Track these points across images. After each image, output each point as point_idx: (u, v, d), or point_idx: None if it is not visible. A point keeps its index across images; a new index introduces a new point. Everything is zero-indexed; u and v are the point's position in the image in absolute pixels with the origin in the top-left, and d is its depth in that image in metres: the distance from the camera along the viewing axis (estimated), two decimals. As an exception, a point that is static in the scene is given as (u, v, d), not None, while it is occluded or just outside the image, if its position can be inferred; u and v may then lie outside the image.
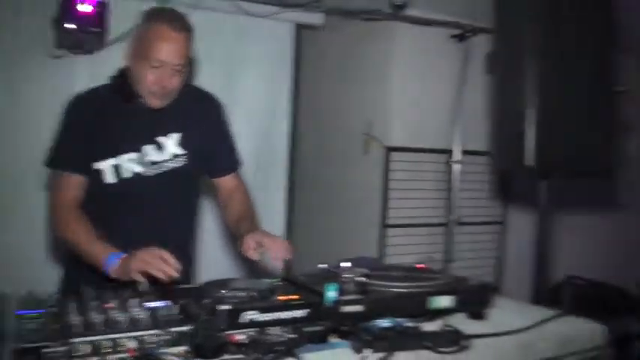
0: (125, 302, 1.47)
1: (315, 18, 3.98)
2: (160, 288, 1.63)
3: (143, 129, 2.05)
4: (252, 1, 3.65)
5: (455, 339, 1.40)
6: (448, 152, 4.14)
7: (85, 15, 3.04)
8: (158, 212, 2.10)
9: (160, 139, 2.07)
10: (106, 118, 2.04)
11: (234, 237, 2.15)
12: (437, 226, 4.20)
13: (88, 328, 1.30)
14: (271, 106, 3.99)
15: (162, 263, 1.68)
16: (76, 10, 3.01)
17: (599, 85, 2.20)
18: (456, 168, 4.13)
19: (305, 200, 4.75)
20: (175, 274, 1.67)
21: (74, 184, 2.01)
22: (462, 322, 1.57)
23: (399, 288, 1.52)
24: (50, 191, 2.09)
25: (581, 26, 2.19)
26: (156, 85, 1.95)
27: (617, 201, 5.13)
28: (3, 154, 3.33)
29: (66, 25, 3.04)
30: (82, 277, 1.90)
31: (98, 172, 2.02)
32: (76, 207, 2.00)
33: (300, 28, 4.09)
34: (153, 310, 1.42)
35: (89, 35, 3.13)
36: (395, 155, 4.02)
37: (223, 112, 2.28)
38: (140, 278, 1.68)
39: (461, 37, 4.09)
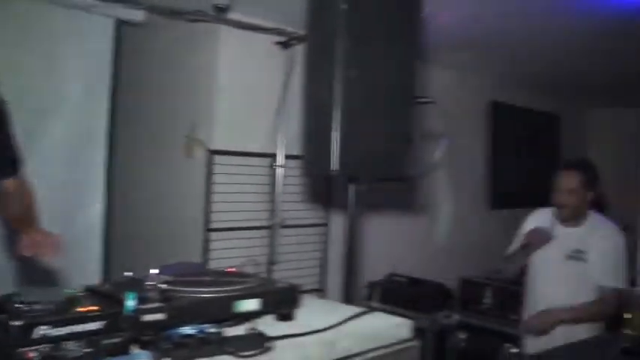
0: None
1: (136, 15, 3.83)
2: None
3: None
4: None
5: (258, 342, 1.40)
6: (272, 156, 4.19)
7: None
8: None
9: None
10: None
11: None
12: (261, 229, 4.24)
13: None
14: (89, 105, 3.77)
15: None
16: None
17: (403, 96, 2.33)
18: (280, 172, 4.19)
19: (127, 204, 4.58)
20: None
21: None
22: (269, 325, 1.58)
23: (202, 294, 1.50)
24: None
25: (388, 38, 2.30)
26: None
27: (423, 205, 5.50)
28: None
29: None
30: None
31: None
32: None
33: (122, 24, 3.92)
34: None
35: None
36: (218, 158, 3.99)
37: (5, 110, 2.18)
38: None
39: (285, 44, 4.16)
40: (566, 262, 3.20)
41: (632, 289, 2.50)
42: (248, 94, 4.15)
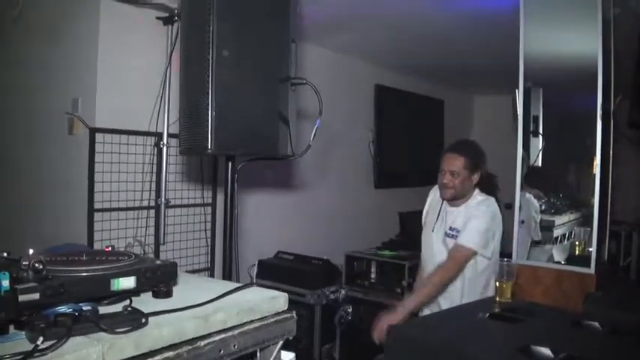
0: None
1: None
2: None
3: None
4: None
5: (133, 318, 1.44)
6: (157, 135, 4.16)
7: None
8: None
9: None
10: None
11: None
12: (147, 209, 4.21)
13: None
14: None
15: None
16: None
17: (277, 76, 2.40)
18: (164, 151, 4.17)
19: (8, 184, 4.41)
20: None
21: None
22: (147, 302, 1.62)
23: (78, 272, 1.52)
24: None
25: (261, 17, 2.37)
26: None
27: (299, 184, 5.64)
28: None
29: None
30: None
31: None
32: None
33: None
34: None
35: None
36: (100, 137, 3.92)
37: None
38: None
39: (166, 20, 4.12)
40: (444, 240, 3.35)
41: (504, 260, 2.70)
42: (131, 71, 4.09)
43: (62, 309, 1.41)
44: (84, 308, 1.42)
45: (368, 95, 6.82)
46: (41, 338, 1.31)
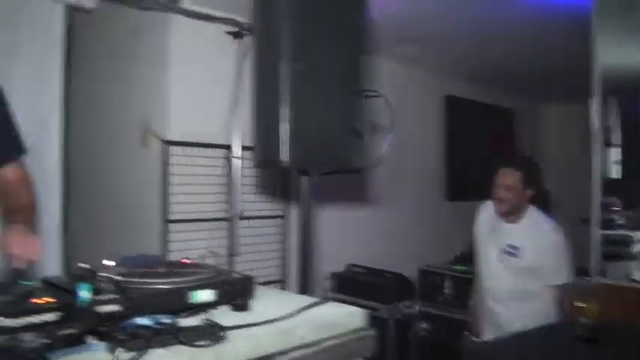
0: None
1: (87, 1, 3.75)
2: None
3: None
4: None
5: (212, 332, 1.42)
6: (228, 147, 4.18)
7: None
8: None
9: None
10: None
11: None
12: (220, 221, 4.24)
13: None
14: (41, 94, 3.66)
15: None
16: None
17: (351, 88, 2.36)
18: (237, 163, 4.19)
19: (83, 196, 4.52)
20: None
21: None
22: (224, 315, 1.60)
23: (157, 285, 1.51)
24: None
25: (335, 31, 2.33)
26: None
27: (378, 196, 5.56)
28: None
29: None
30: None
31: None
32: None
33: (73, 10, 3.84)
34: None
35: None
36: (174, 149, 3.98)
37: (2, 95, 2.06)
38: None
39: (237, 34, 4.15)
40: (502, 257, 3.33)
41: (585, 278, 2.57)
42: (202, 85, 4.14)
43: (141, 321, 1.40)
44: (163, 321, 1.40)
45: (437, 107, 6.70)
46: (121, 350, 1.30)
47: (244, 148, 4.18)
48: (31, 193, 2.12)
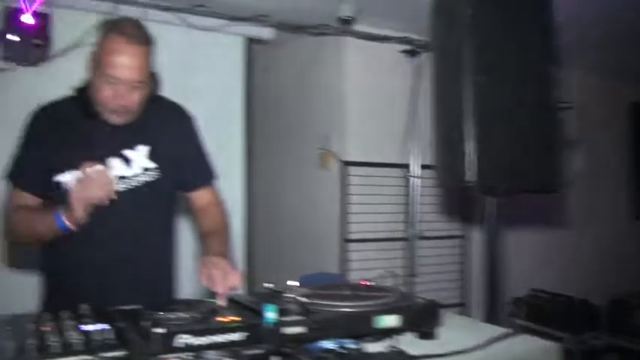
0: (61, 325, 1.39)
1: (264, 32, 3.94)
2: (98, 310, 1.54)
3: (108, 142, 1.93)
4: (200, 14, 3.60)
5: (398, 360, 1.35)
6: (406, 166, 4.13)
7: (28, 27, 3.00)
8: (132, 227, 1.98)
9: (127, 152, 1.96)
10: (68, 130, 1.93)
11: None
12: (398, 241, 4.18)
13: (20, 353, 1.22)
14: (224, 122, 3.91)
15: (98, 187, 1.67)
16: (19, 22, 2.97)
17: (541, 101, 2.19)
18: (414, 182, 4.12)
19: (265, 216, 4.69)
20: (114, 196, 1.65)
21: (28, 199, 1.93)
22: (410, 342, 1.52)
23: (342, 307, 1.47)
24: (5, 205, 1.98)
25: (521, 42, 2.18)
26: (113, 102, 1.84)
27: (565, 216, 5.19)
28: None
29: (8, 37, 2.99)
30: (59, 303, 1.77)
31: (59, 186, 1.90)
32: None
33: (251, 42, 4.05)
34: (87, 333, 1.33)
35: (33, 47, 3.09)
36: (352, 170, 3.99)
37: (194, 125, 2.17)
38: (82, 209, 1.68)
39: (412, 52, 4.11)
40: None
41: None
42: (378, 105, 4.15)
43: (327, 345, 1.37)
44: (349, 346, 1.36)
45: (622, 115, 6.12)
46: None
47: (423, 166, 4.11)
48: (223, 213, 2.20)
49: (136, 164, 1.98)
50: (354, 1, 3.62)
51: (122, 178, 1.95)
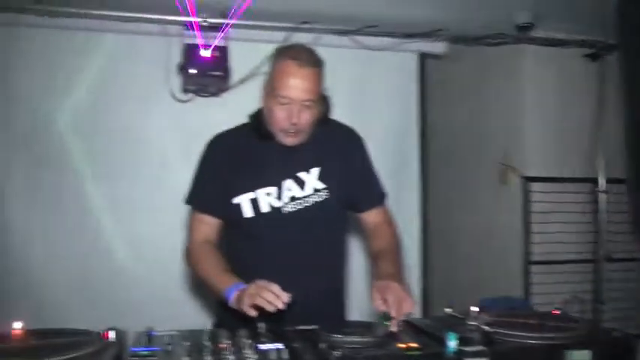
0: (239, 342, 1.47)
1: (438, 47, 3.90)
2: (275, 330, 1.60)
3: (282, 164, 2.04)
4: (373, 34, 3.63)
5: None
6: (592, 181, 3.84)
7: (206, 60, 3.23)
8: (303, 248, 2.05)
9: (301, 174, 2.06)
10: (243, 155, 2.06)
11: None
12: (584, 263, 3.89)
13: None
14: (400, 140, 3.93)
15: (270, 295, 1.66)
16: (198, 56, 3.21)
17: None
18: (602, 198, 3.82)
19: (442, 234, 4.60)
20: (281, 306, 1.65)
21: (208, 222, 2.06)
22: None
23: (527, 339, 1.38)
24: (187, 229, 2.14)
25: None
26: (285, 122, 1.93)
27: None
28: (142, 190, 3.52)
29: (190, 71, 3.24)
30: (232, 319, 1.89)
31: (237, 207, 2.03)
32: (209, 243, 2.05)
33: (424, 57, 4.01)
34: (263, 353, 1.40)
35: (212, 79, 3.32)
36: (534, 186, 3.80)
37: (364, 146, 2.23)
38: (251, 312, 1.68)
39: (594, 56, 3.84)
40: None
41: None
42: (559, 114, 3.89)
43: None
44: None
45: None
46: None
47: (611, 180, 3.79)
48: (395, 233, 2.20)
49: (308, 185, 2.05)
50: (532, 6, 3.47)
51: (294, 199, 2.03)
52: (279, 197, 2.03)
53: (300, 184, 2.05)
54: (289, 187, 2.04)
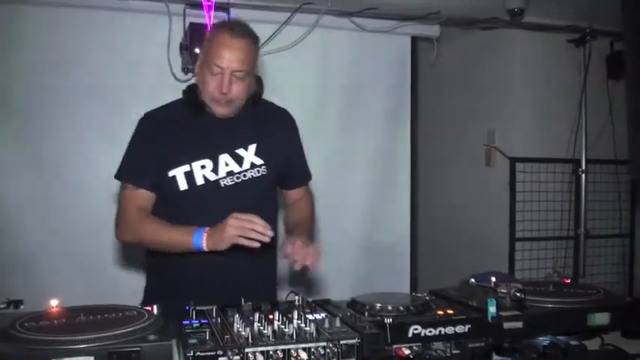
0: (288, 314, 1.50)
1: (431, 30, 3.97)
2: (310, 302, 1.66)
3: (219, 139, 2.06)
4: (370, 17, 3.70)
5: (619, 359, 1.37)
6: (574, 162, 4.01)
7: None
8: None
9: (239, 151, 2.09)
10: (177, 129, 2.06)
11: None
12: (565, 239, 4.08)
13: (259, 339, 1.32)
14: (393, 121, 4.01)
15: (258, 227, 1.75)
16: (204, 35, 3.09)
17: None
18: (583, 178, 3.99)
19: (430, 213, 4.71)
20: (267, 240, 1.74)
21: (141, 196, 2.03)
22: (618, 341, 1.54)
23: (557, 304, 1.51)
24: (118, 206, 2.08)
25: None
26: (216, 92, 1.96)
27: None
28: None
29: (196, 50, 3.20)
30: (163, 287, 2.06)
31: (172, 179, 2.02)
32: (144, 213, 2.02)
33: (416, 40, 4.08)
34: (317, 322, 1.43)
35: None
36: (519, 166, 3.95)
37: (297, 128, 2.29)
38: (248, 242, 1.76)
39: (578, 42, 3.98)
40: None
41: None
42: (544, 97, 4.04)
43: (546, 340, 1.42)
44: (571, 342, 1.40)
45: None
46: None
47: (589, 161, 3.97)
48: (311, 206, 2.33)
49: (247, 161, 2.09)
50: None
51: (230, 174, 2.07)
52: (215, 171, 2.04)
53: (238, 159, 2.08)
54: (226, 161, 2.06)
